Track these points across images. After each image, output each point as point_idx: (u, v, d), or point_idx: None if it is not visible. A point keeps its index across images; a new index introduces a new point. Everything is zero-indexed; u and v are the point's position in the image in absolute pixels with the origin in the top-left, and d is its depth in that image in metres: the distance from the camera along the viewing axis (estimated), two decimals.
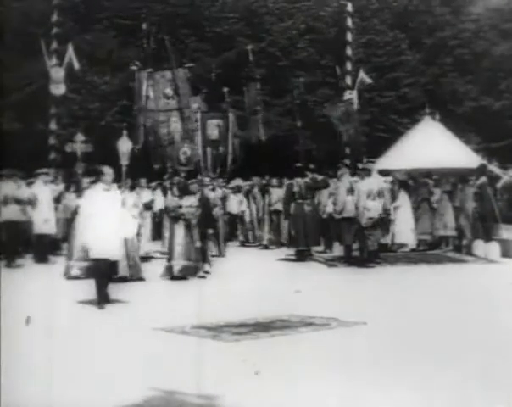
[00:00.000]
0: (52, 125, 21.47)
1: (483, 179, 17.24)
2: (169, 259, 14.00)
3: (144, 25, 22.11)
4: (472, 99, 24.82)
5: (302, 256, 16.59)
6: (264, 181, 20.41)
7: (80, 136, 21.15)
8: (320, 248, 17.52)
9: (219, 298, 11.50)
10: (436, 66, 25.36)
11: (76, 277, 13.71)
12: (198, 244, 14.09)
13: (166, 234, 15.62)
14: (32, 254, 16.13)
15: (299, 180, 16.84)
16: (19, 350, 8.30)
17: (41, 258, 15.87)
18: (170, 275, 13.86)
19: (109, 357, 8.26)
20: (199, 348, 8.57)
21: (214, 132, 22.70)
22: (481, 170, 17.56)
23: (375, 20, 25.57)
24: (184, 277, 13.79)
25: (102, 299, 11.04)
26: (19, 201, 15.89)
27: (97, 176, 11.58)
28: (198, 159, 22.14)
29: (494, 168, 17.75)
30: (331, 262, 16.33)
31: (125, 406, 6.73)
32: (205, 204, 14.76)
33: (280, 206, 18.90)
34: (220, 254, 17.10)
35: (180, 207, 14.07)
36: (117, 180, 16.62)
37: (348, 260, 16.14)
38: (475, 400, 6.93)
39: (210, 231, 14.90)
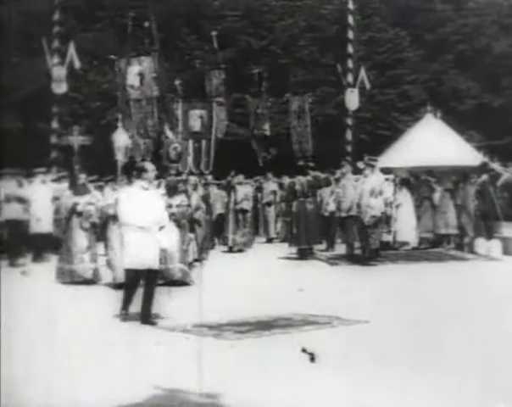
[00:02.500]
0: (54, 124, 21.47)
1: (485, 177, 17.25)
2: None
3: (146, 24, 21.73)
4: (473, 97, 24.81)
5: (304, 254, 16.58)
6: (229, 178, 18.98)
7: (77, 129, 20.81)
8: (322, 247, 17.53)
9: (221, 298, 11.49)
10: (437, 63, 25.34)
11: (71, 282, 13.03)
12: (189, 247, 13.27)
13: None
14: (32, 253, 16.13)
15: (301, 178, 16.83)
16: (19, 350, 8.30)
17: (38, 257, 15.86)
18: (167, 279, 12.50)
19: (110, 355, 8.26)
20: (201, 347, 8.56)
21: (196, 124, 21.45)
22: (483, 168, 17.56)
23: (376, 18, 25.56)
24: (184, 282, 12.73)
25: (146, 316, 9.78)
26: (20, 200, 15.90)
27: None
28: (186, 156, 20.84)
29: (495, 166, 17.74)
30: (332, 260, 16.32)
31: (126, 405, 6.72)
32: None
33: (246, 205, 18.19)
34: (201, 259, 15.18)
35: (170, 206, 12.73)
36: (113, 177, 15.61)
37: (350, 258, 16.15)
38: (476, 399, 6.93)
39: (191, 234, 13.93)
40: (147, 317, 9.76)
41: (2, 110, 18.54)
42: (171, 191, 13.40)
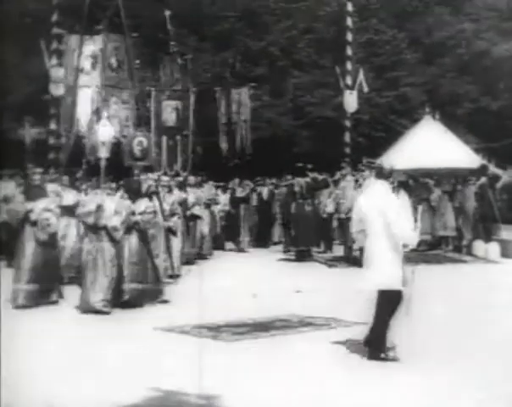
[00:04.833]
0: (52, 125, 21.41)
1: (484, 179, 17.28)
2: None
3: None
4: (471, 100, 24.84)
5: (302, 256, 16.58)
6: (180, 178, 17.04)
7: (29, 119, 19.14)
8: (320, 249, 17.52)
9: (219, 298, 11.48)
10: (435, 66, 25.38)
11: (24, 306, 10.74)
12: (161, 261, 11.56)
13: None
14: None
15: (300, 180, 16.84)
16: (20, 351, 8.29)
17: None
18: (119, 300, 10.80)
19: (110, 357, 8.25)
20: (199, 348, 8.55)
21: (171, 117, 19.17)
22: (482, 171, 17.60)
23: (375, 20, 25.59)
24: (137, 305, 10.85)
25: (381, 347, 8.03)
26: None
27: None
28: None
29: (493, 168, 17.78)
30: (331, 262, 16.33)
31: (124, 406, 6.72)
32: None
33: (198, 210, 16.18)
34: (174, 273, 13.10)
35: (133, 214, 11.02)
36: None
37: (348, 260, 16.14)
38: (475, 399, 6.93)
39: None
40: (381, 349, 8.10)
41: (0, 111, 18.49)
42: (134, 195, 11.39)
